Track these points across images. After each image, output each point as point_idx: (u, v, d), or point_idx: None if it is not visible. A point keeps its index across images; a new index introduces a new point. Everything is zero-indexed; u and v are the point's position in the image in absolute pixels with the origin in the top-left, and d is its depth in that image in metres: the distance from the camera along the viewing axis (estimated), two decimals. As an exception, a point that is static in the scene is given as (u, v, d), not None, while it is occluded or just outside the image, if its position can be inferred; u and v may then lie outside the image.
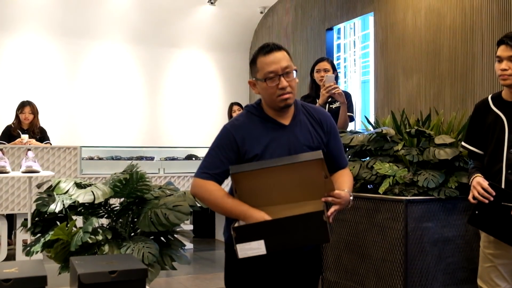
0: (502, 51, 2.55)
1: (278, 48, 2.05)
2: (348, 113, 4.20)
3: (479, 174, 2.62)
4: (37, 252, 3.28)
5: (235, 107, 6.82)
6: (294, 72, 2.06)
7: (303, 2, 7.16)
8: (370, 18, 6.02)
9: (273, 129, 2.09)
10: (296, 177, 1.98)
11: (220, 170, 2.08)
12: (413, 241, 3.20)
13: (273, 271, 2.15)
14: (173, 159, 6.02)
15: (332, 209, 1.99)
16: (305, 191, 2.01)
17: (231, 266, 2.23)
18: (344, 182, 2.13)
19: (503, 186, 2.56)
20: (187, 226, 5.69)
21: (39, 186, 3.75)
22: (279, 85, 2.02)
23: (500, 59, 2.56)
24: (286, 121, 2.11)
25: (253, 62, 2.10)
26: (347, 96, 4.36)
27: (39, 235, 3.44)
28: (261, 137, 2.07)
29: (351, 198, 2.07)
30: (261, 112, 2.13)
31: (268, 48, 2.04)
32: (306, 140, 2.10)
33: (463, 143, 2.84)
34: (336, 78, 4.55)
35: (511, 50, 2.52)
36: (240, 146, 2.07)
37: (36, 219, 3.51)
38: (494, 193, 2.50)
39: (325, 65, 4.36)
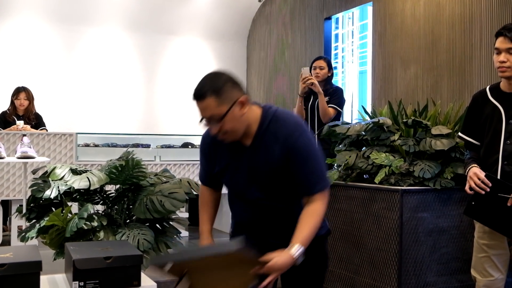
0: (500, 43, 2.54)
1: (200, 96, 1.89)
2: (330, 105, 4.39)
3: (475, 165, 2.62)
4: (32, 238, 3.27)
5: (232, 96, 6.79)
6: (217, 121, 1.89)
7: (301, -9, 7.12)
8: (369, 8, 6.00)
9: (235, 149, 2.03)
10: (221, 264, 1.85)
11: (208, 176, 2.20)
12: (408, 231, 3.22)
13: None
14: (169, 146, 6.01)
15: (268, 279, 1.87)
16: (233, 276, 1.88)
17: None
18: (299, 230, 1.92)
19: (499, 177, 2.56)
20: (183, 214, 5.69)
21: (34, 172, 3.73)
22: (211, 131, 1.97)
23: (499, 51, 2.55)
24: (248, 141, 2.01)
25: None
26: (337, 91, 4.60)
27: (34, 221, 3.43)
28: (223, 155, 2.07)
29: (297, 256, 1.87)
30: None
31: (193, 94, 1.92)
32: (266, 162, 1.98)
33: (460, 134, 2.84)
34: (331, 76, 4.69)
35: (510, 42, 2.50)
36: (210, 157, 2.14)
37: (31, 205, 3.50)
38: (490, 184, 2.50)
39: (320, 63, 4.67)
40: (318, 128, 4.38)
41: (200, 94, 1.89)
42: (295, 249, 1.88)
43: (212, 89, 1.88)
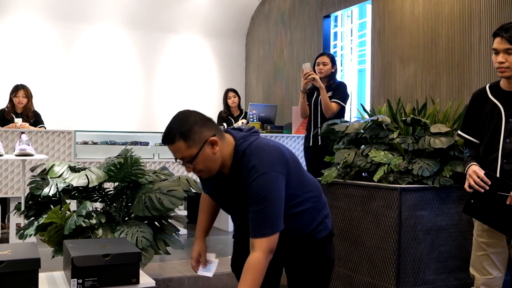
0: (498, 43, 2.53)
1: (169, 140, 1.94)
2: (333, 100, 4.39)
3: (474, 163, 2.62)
4: (30, 235, 3.27)
5: (231, 94, 6.80)
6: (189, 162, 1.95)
7: (300, -12, 7.11)
8: (368, 6, 5.99)
9: (218, 176, 2.08)
10: None
11: (207, 190, 2.27)
12: (406, 229, 3.22)
13: (280, 258, 2.15)
14: (168, 144, 5.99)
15: None
16: None
17: (237, 254, 2.28)
18: (240, 285, 1.93)
19: (498, 176, 2.56)
20: (181, 212, 5.68)
21: (32, 169, 3.73)
22: (186, 169, 2.03)
23: (496, 52, 2.54)
24: (226, 171, 2.06)
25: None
26: (341, 85, 4.60)
27: (32, 218, 3.43)
28: (209, 180, 2.14)
29: None
30: None
31: (162, 140, 1.98)
32: (239, 192, 2.02)
33: (459, 132, 2.84)
34: (335, 72, 4.69)
35: (507, 43, 2.49)
36: (202, 179, 2.21)
37: (30, 202, 3.50)
38: (489, 183, 2.50)
39: (324, 59, 4.69)
40: (322, 124, 4.38)
41: (168, 138, 1.93)
42: None
43: (179, 133, 1.91)
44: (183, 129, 1.91)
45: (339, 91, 4.58)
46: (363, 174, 3.67)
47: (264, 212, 1.92)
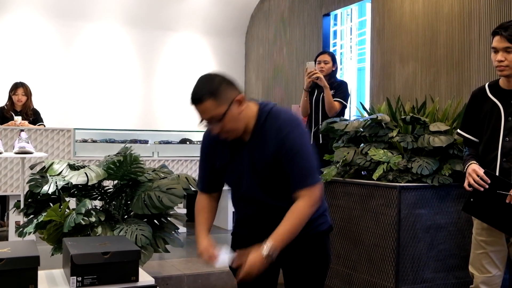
0: (497, 42, 2.53)
1: (197, 100, 1.95)
2: (336, 99, 4.40)
3: (474, 162, 2.61)
4: (29, 233, 3.27)
5: (230, 92, 6.78)
6: (218, 121, 1.94)
7: (300, -13, 7.11)
8: (368, 4, 5.99)
9: (235, 145, 2.06)
10: None
11: (207, 179, 2.19)
12: (405, 228, 3.22)
13: (279, 255, 2.10)
14: (167, 142, 5.99)
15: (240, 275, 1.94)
16: None
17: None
18: (277, 228, 1.95)
19: (497, 174, 2.56)
20: (181, 210, 5.69)
21: (32, 167, 3.73)
22: (212, 131, 2.02)
23: (496, 50, 2.54)
24: (247, 137, 2.05)
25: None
26: (342, 84, 4.61)
27: (31, 216, 3.43)
28: (224, 152, 2.09)
29: (267, 254, 1.90)
30: None
31: (191, 98, 1.98)
32: (262, 157, 2.01)
33: (458, 131, 2.84)
34: (336, 70, 4.69)
35: (506, 41, 2.49)
36: (210, 155, 2.14)
37: (29, 200, 3.50)
38: (489, 181, 2.50)
39: (325, 57, 4.70)
40: (323, 122, 4.38)
41: (197, 98, 1.94)
42: (266, 248, 1.90)
43: (209, 92, 1.93)
44: (211, 88, 1.93)
45: (341, 90, 4.58)
46: (362, 172, 3.68)
47: (303, 164, 1.96)
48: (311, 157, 2.00)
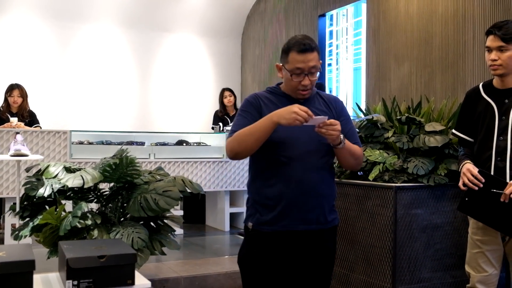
0: (491, 41, 2.56)
1: (311, 49, 2.18)
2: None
3: (469, 161, 2.63)
4: (25, 236, 3.26)
5: (227, 93, 6.79)
6: (318, 73, 2.23)
7: (295, -13, 7.12)
8: (363, 5, 6.00)
9: (289, 103, 2.18)
10: None
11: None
12: (402, 228, 3.22)
13: (290, 252, 2.23)
14: (163, 144, 5.99)
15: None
16: None
17: (249, 248, 2.30)
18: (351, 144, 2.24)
19: (492, 173, 2.57)
20: (177, 212, 5.68)
21: (28, 170, 3.72)
22: (302, 82, 2.19)
23: (490, 49, 2.57)
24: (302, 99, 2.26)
25: (285, 52, 2.22)
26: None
27: (27, 219, 3.42)
28: (276, 108, 2.17)
29: (343, 138, 2.15)
30: (279, 91, 2.33)
31: (304, 48, 2.17)
32: (321, 112, 2.22)
33: (453, 131, 2.85)
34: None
35: (500, 40, 2.52)
36: (262, 109, 2.24)
37: (25, 203, 3.49)
38: (483, 180, 2.51)
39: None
40: None
41: (312, 47, 2.19)
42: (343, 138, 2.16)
43: (316, 47, 2.22)
44: (316, 45, 2.24)
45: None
46: (358, 173, 3.68)
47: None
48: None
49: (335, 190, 2.34)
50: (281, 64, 2.27)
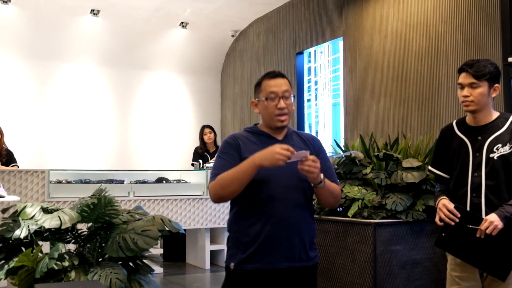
0: (463, 78, 2.64)
1: (282, 75, 2.34)
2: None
3: (444, 197, 2.67)
4: (0, 279, 3.19)
5: (206, 130, 6.82)
6: (292, 97, 2.31)
7: (273, 26, 7.25)
8: (340, 42, 6.13)
9: (267, 141, 2.26)
10: None
11: (228, 169, 2.22)
12: (382, 264, 3.23)
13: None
14: (143, 182, 5.96)
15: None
16: None
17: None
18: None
19: (468, 209, 2.61)
20: (157, 250, 5.62)
21: (4, 211, 3.66)
22: (278, 105, 2.26)
23: (462, 86, 2.64)
24: (280, 137, 2.32)
25: (258, 85, 2.37)
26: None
27: (3, 261, 3.34)
28: (255, 147, 2.24)
29: (322, 177, 2.17)
30: (257, 129, 2.38)
31: (273, 74, 2.34)
32: (301, 150, 2.21)
33: (429, 168, 2.89)
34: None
35: (472, 77, 2.60)
36: (240, 149, 2.28)
37: (0, 245, 3.42)
38: (459, 215, 2.55)
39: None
40: None
41: (282, 74, 2.35)
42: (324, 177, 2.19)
43: (286, 76, 2.37)
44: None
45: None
46: (338, 209, 3.70)
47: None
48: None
49: (315, 227, 2.36)
50: (256, 99, 2.36)
